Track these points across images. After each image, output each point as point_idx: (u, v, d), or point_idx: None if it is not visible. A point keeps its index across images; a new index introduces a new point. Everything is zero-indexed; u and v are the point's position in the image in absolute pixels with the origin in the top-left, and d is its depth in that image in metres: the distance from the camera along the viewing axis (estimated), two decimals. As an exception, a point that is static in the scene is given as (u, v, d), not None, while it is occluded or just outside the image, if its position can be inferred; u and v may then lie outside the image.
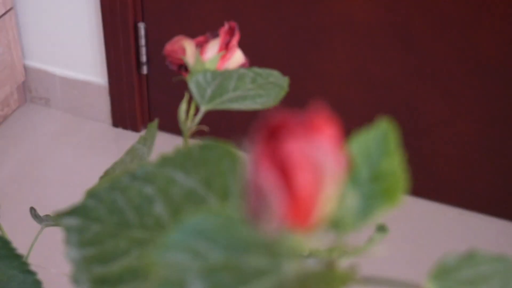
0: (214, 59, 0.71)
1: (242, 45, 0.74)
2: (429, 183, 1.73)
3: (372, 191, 0.34)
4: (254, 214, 0.29)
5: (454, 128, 1.64)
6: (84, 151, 1.89)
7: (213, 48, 0.72)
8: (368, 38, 1.61)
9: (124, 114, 1.94)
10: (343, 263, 0.36)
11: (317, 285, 0.32)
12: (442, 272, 0.37)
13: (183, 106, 0.66)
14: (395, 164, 0.34)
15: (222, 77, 0.69)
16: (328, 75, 1.69)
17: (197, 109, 0.67)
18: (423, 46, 1.58)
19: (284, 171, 0.26)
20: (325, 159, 0.26)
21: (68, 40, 1.91)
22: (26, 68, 2.00)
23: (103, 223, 0.48)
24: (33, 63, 1.99)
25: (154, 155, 0.70)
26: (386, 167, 0.34)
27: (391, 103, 1.67)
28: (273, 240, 0.30)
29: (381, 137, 0.35)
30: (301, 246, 0.30)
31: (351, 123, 1.71)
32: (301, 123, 0.26)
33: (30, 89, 2.03)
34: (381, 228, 0.58)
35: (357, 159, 0.34)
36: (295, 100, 1.74)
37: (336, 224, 0.33)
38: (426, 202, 1.73)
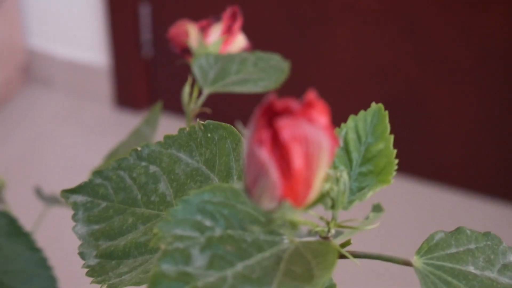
0: (216, 43, 0.73)
1: (245, 29, 0.76)
2: (432, 166, 1.75)
3: (364, 172, 0.36)
4: (254, 190, 0.31)
5: (458, 112, 1.65)
6: (86, 132, 1.91)
7: (216, 32, 0.74)
8: (372, 23, 1.63)
9: (128, 95, 1.96)
10: (338, 238, 0.38)
11: (313, 257, 0.35)
12: (430, 248, 0.40)
13: (186, 89, 0.68)
14: (386, 146, 0.36)
15: (224, 60, 0.71)
16: (332, 60, 1.70)
17: (200, 92, 0.69)
18: (427, 31, 1.59)
19: (281, 150, 0.29)
20: (319, 138, 0.28)
21: (71, 21, 1.92)
22: (28, 50, 2.01)
23: (110, 200, 0.50)
24: (35, 44, 2.00)
25: (158, 136, 0.72)
26: (377, 149, 0.36)
27: (395, 88, 1.68)
28: (271, 216, 0.32)
29: (372, 121, 0.37)
30: (297, 221, 0.33)
31: (355, 108, 1.73)
32: (298, 106, 0.28)
33: (32, 71, 2.04)
34: (377, 208, 0.60)
35: (350, 141, 0.36)
36: (298, 84, 1.75)
37: (330, 202, 0.35)
38: (429, 185, 1.75)
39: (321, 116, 0.29)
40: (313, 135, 0.28)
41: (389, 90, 1.69)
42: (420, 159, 1.75)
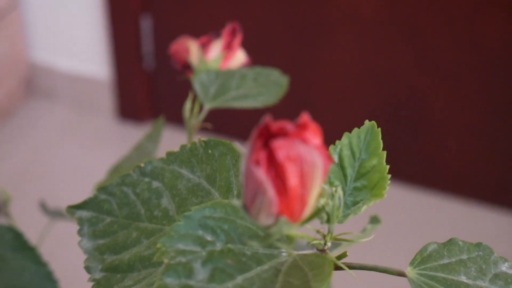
0: (217, 59, 0.75)
1: (246, 40, 0.77)
2: (433, 174, 1.76)
3: (358, 187, 0.38)
4: (252, 208, 0.33)
5: (459, 119, 1.66)
6: (89, 144, 1.93)
7: (216, 49, 0.76)
8: (373, 31, 1.64)
9: (130, 108, 1.98)
10: (335, 251, 0.40)
11: (310, 269, 0.36)
12: (423, 259, 0.41)
13: (187, 105, 0.69)
14: (379, 162, 0.38)
15: (224, 76, 0.72)
16: (333, 68, 1.72)
17: (201, 107, 0.70)
18: (427, 39, 1.61)
19: (277, 169, 0.30)
20: (313, 158, 0.30)
21: (73, 34, 1.94)
22: (30, 63, 2.03)
23: (114, 215, 0.52)
24: (38, 58, 2.02)
25: (160, 149, 0.74)
26: (371, 165, 0.38)
27: (395, 96, 1.70)
28: (269, 231, 0.34)
29: (366, 138, 0.38)
30: (294, 235, 0.34)
31: (355, 115, 1.74)
32: (292, 128, 0.30)
33: (34, 84, 2.06)
34: (374, 219, 0.61)
35: (344, 158, 0.38)
36: (300, 93, 1.77)
37: (326, 216, 0.37)
38: (430, 193, 1.77)
39: (314, 136, 0.30)
40: (307, 155, 0.30)
41: (390, 97, 1.70)
42: (420, 166, 1.76)
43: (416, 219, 1.70)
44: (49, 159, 1.88)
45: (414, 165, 1.76)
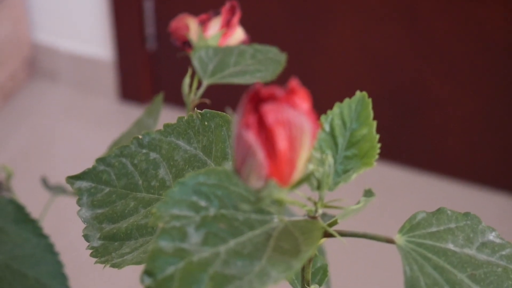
0: (216, 36, 0.75)
1: (247, 22, 0.78)
2: (433, 157, 1.77)
3: (349, 156, 0.39)
4: (242, 170, 0.34)
5: (459, 104, 1.67)
6: (91, 124, 1.94)
7: (215, 26, 0.76)
8: (373, 16, 1.65)
9: (132, 88, 1.99)
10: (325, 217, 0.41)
11: (300, 234, 0.37)
12: (412, 227, 0.42)
13: (186, 80, 0.70)
14: (369, 132, 0.39)
15: (223, 53, 0.73)
16: (333, 53, 1.73)
17: (199, 83, 0.71)
18: (427, 24, 1.61)
19: (266, 133, 0.31)
20: (301, 122, 0.31)
21: (76, 15, 1.95)
22: (33, 44, 2.04)
23: (112, 186, 0.53)
24: (41, 39, 2.03)
25: (159, 126, 0.75)
26: (361, 134, 0.39)
27: (395, 81, 1.70)
28: (259, 194, 0.35)
29: (357, 108, 0.39)
30: (284, 199, 0.35)
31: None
32: (282, 93, 0.31)
33: (37, 65, 2.07)
34: (368, 193, 0.62)
35: (336, 127, 0.39)
36: (300, 77, 1.78)
37: (316, 183, 0.38)
38: (430, 176, 1.78)
39: (303, 101, 0.31)
40: (295, 119, 0.31)
41: (390, 82, 1.71)
42: (421, 150, 1.77)
43: (415, 200, 1.71)
44: (52, 139, 1.89)
45: (414, 148, 1.77)
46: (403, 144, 1.77)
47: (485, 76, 1.62)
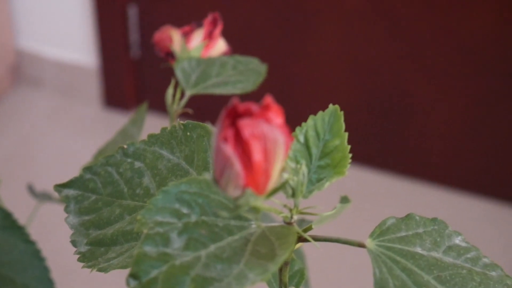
0: (198, 48, 0.78)
1: (231, 29, 0.81)
2: (416, 163, 1.79)
3: (322, 165, 0.42)
4: (221, 180, 0.36)
5: (441, 109, 1.70)
6: (75, 131, 1.95)
7: (197, 37, 0.79)
8: (356, 22, 1.67)
9: (116, 95, 2.00)
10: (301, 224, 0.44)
11: (276, 239, 0.40)
12: (382, 231, 0.45)
13: (170, 91, 0.73)
14: (341, 142, 0.41)
15: (205, 64, 0.76)
16: (316, 59, 1.75)
17: (182, 94, 0.74)
18: (410, 30, 1.64)
19: (243, 146, 0.34)
20: (275, 135, 0.34)
21: (60, 22, 1.97)
22: (17, 51, 2.05)
23: (99, 193, 0.55)
24: (25, 45, 2.05)
25: (144, 135, 0.77)
26: (334, 145, 0.41)
27: (378, 86, 1.73)
28: (237, 202, 0.37)
29: (329, 120, 0.42)
30: (260, 207, 0.38)
31: (339, 105, 1.77)
32: (257, 109, 0.34)
33: (21, 71, 2.08)
34: (344, 199, 0.65)
35: (310, 138, 0.41)
36: (281, 84, 1.80)
37: (291, 191, 0.40)
38: (413, 181, 1.80)
39: (276, 116, 0.34)
40: (269, 132, 0.34)
41: (372, 87, 1.73)
42: (402, 154, 1.80)
43: (394, 206, 1.74)
44: (36, 146, 1.90)
45: (395, 153, 1.80)
46: (384, 149, 1.80)
47: (466, 81, 1.65)
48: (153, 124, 1.66)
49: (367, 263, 0.78)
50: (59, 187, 0.56)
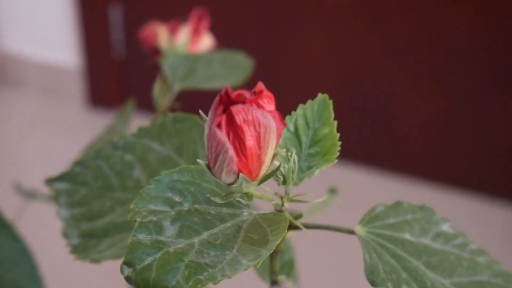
0: (185, 43, 0.78)
1: (215, 27, 0.81)
2: (398, 158, 1.81)
3: (312, 153, 0.42)
4: (215, 166, 0.37)
5: (422, 105, 1.71)
6: (60, 132, 1.95)
7: (184, 33, 0.79)
8: (338, 20, 1.68)
9: (100, 95, 2.00)
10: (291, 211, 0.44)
11: (268, 225, 0.40)
12: (371, 218, 0.46)
13: (156, 86, 0.73)
14: (331, 131, 0.42)
15: (192, 59, 0.76)
16: (300, 56, 1.76)
17: (169, 89, 0.74)
18: (391, 27, 1.65)
19: (236, 131, 0.34)
20: (267, 121, 0.34)
21: (42, 23, 1.96)
22: (0, 51, 2.04)
23: (89, 186, 0.56)
24: (7, 47, 2.04)
25: (131, 131, 0.77)
26: (323, 133, 0.42)
27: (361, 85, 1.74)
28: (231, 188, 0.38)
29: (319, 109, 0.43)
30: (253, 194, 0.39)
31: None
32: (249, 95, 0.34)
33: (4, 73, 2.07)
34: (332, 191, 0.66)
35: (300, 127, 0.42)
36: (268, 79, 1.81)
37: (282, 178, 0.41)
38: (396, 177, 1.82)
39: (268, 103, 0.34)
40: (262, 118, 0.34)
41: (355, 85, 1.75)
42: (385, 151, 1.81)
43: (377, 201, 1.75)
44: (21, 148, 1.90)
45: (379, 149, 1.81)
46: (367, 146, 1.81)
47: (448, 79, 1.66)
48: (139, 123, 1.66)
49: (356, 251, 0.79)
50: (50, 181, 0.57)
